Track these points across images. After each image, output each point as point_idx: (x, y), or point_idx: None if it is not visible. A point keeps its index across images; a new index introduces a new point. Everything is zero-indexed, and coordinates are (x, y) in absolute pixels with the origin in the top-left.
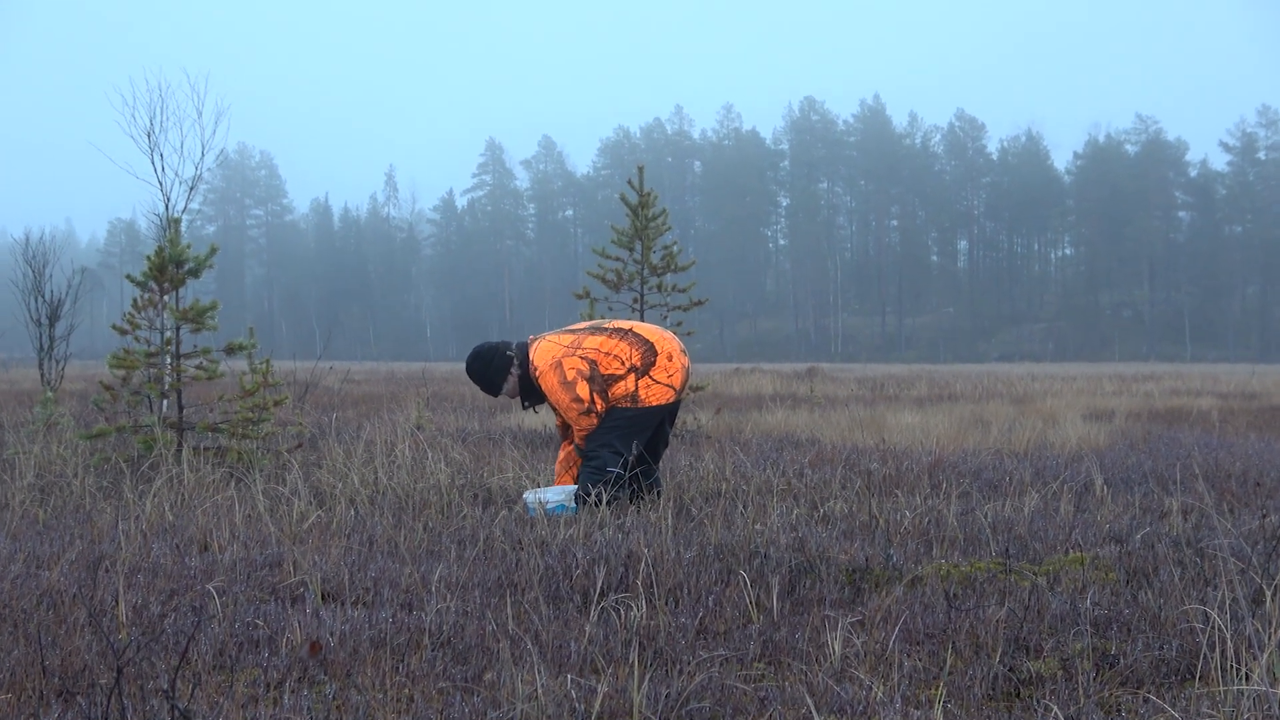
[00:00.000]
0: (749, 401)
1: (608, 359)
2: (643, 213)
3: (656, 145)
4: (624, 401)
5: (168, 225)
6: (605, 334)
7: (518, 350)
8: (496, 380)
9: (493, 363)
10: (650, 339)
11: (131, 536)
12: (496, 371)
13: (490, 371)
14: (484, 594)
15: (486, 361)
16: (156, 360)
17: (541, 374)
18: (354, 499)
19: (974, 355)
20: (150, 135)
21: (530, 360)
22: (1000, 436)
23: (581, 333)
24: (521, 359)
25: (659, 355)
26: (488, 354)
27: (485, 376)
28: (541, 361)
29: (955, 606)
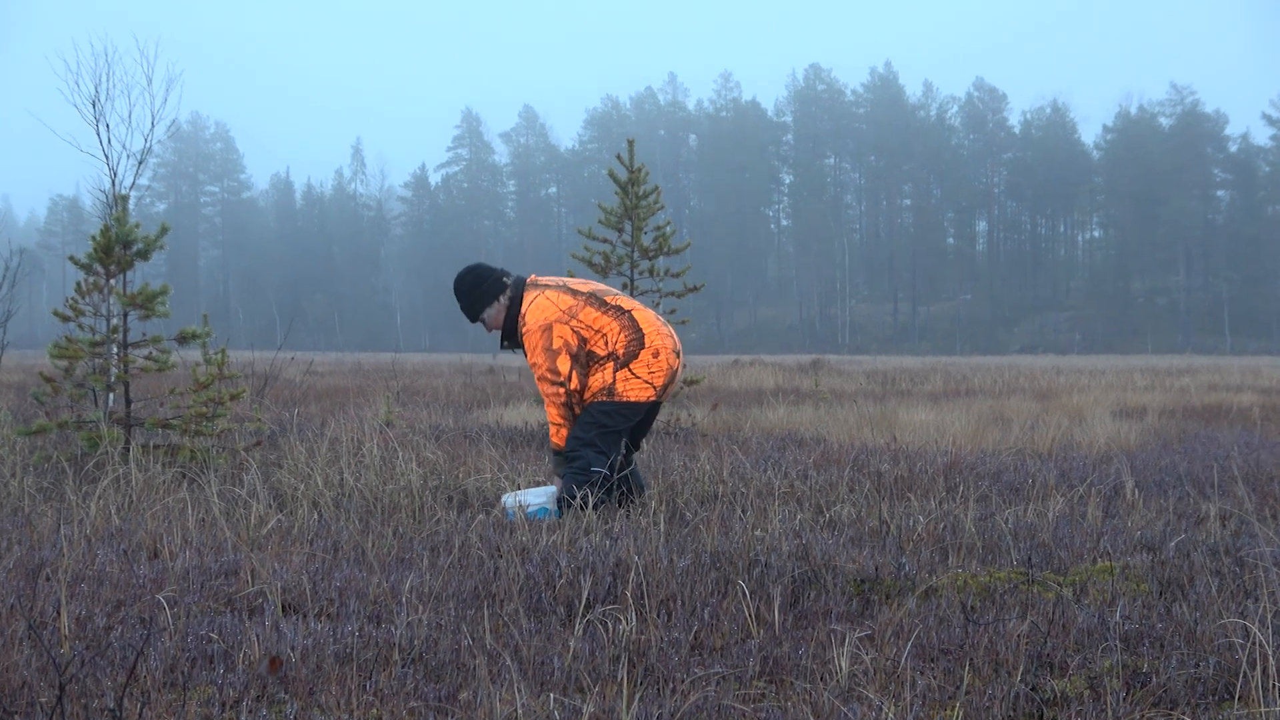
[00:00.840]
0: (748, 396)
1: (597, 336)
2: (633, 190)
3: (648, 117)
4: (601, 395)
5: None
6: (604, 310)
7: (514, 284)
8: (481, 304)
9: (484, 283)
10: (644, 328)
11: (74, 542)
12: (485, 294)
13: (479, 291)
14: (459, 605)
15: (478, 280)
16: (102, 350)
17: (528, 331)
18: (317, 502)
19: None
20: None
21: (523, 311)
22: (1022, 435)
23: (582, 298)
24: (515, 295)
25: (644, 349)
26: (482, 273)
27: (471, 295)
28: (533, 319)
29: (973, 620)
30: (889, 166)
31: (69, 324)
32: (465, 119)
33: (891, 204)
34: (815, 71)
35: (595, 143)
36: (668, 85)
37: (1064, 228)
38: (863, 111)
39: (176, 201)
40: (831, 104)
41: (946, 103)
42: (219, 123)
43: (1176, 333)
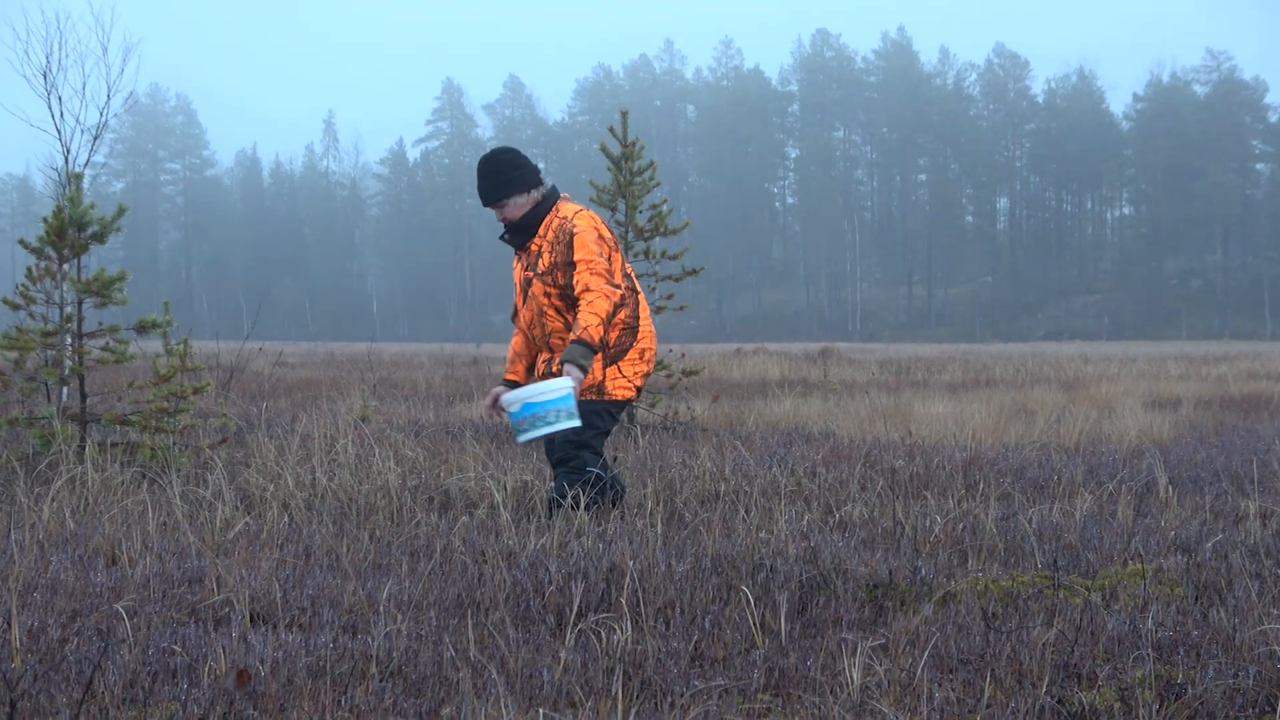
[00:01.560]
0: (752, 388)
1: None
2: (627, 166)
3: (643, 87)
4: (589, 394)
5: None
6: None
7: (551, 186)
8: (513, 187)
9: (521, 171)
10: (641, 321)
11: (26, 548)
12: (519, 181)
13: (514, 175)
14: (441, 614)
15: (518, 165)
16: (55, 340)
17: (582, 230)
18: (288, 503)
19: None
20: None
21: (566, 216)
22: (1047, 428)
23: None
24: (550, 194)
25: (634, 346)
26: (523, 161)
27: (506, 175)
28: (583, 223)
29: (994, 628)
30: (903, 139)
31: (19, 313)
32: (445, 90)
33: (905, 179)
34: (823, 37)
35: (586, 115)
36: (664, 52)
37: (1091, 204)
38: (874, 80)
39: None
40: (840, 72)
41: (964, 70)
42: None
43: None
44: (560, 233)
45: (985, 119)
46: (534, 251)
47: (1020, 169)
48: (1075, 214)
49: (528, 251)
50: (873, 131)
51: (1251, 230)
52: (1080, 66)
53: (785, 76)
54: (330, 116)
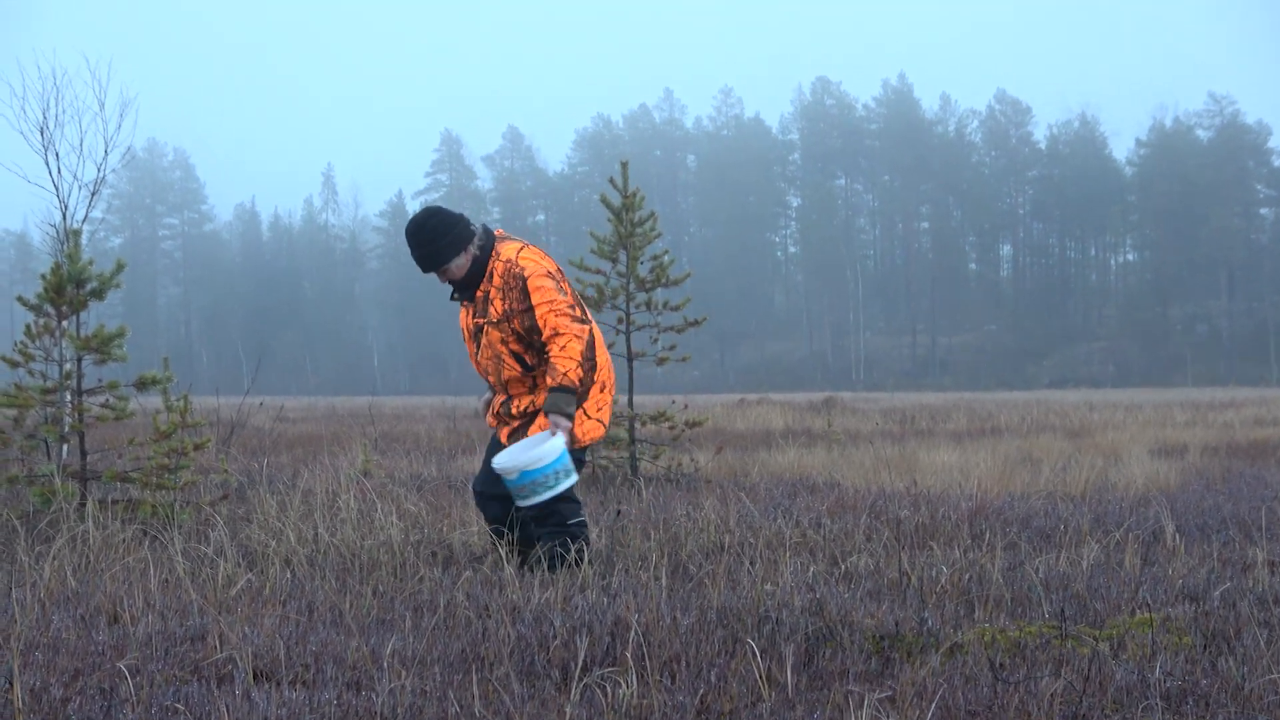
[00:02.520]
0: (756, 438)
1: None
2: (627, 216)
3: (643, 136)
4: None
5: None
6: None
7: (481, 232)
8: (450, 252)
9: (453, 231)
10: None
11: (27, 607)
12: (456, 240)
13: (449, 239)
14: (445, 670)
15: (448, 226)
16: (54, 397)
17: (533, 276)
18: (290, 559)
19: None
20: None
21: (509, 260)
22: (1053, 477)
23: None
24: (485, 243)
25: (594, 383)
26: (452, 219)
27: (440, 241)
28: (529, 264)
29: (1002, 679)
30: (905, 187)
31: (18, 370)
32: (445, 141)
33: (908, 227)
34: (823, 85)
35: (586, 165)
36: (663, 102)
37: (1095, 251)
38: (875, 128)
39: (133, 235)
40: (841, 120)
41: (966, 117)
42: (178, 149)
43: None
44: (509, 278)
45: (987, 166)
46: (480, 298)
47: (1023, 216)
48: (1079, 260)
49: (474, 299)
50: (874, 179)
51: (1256, 275)
52: (1082, 112)
53: (786, 125)
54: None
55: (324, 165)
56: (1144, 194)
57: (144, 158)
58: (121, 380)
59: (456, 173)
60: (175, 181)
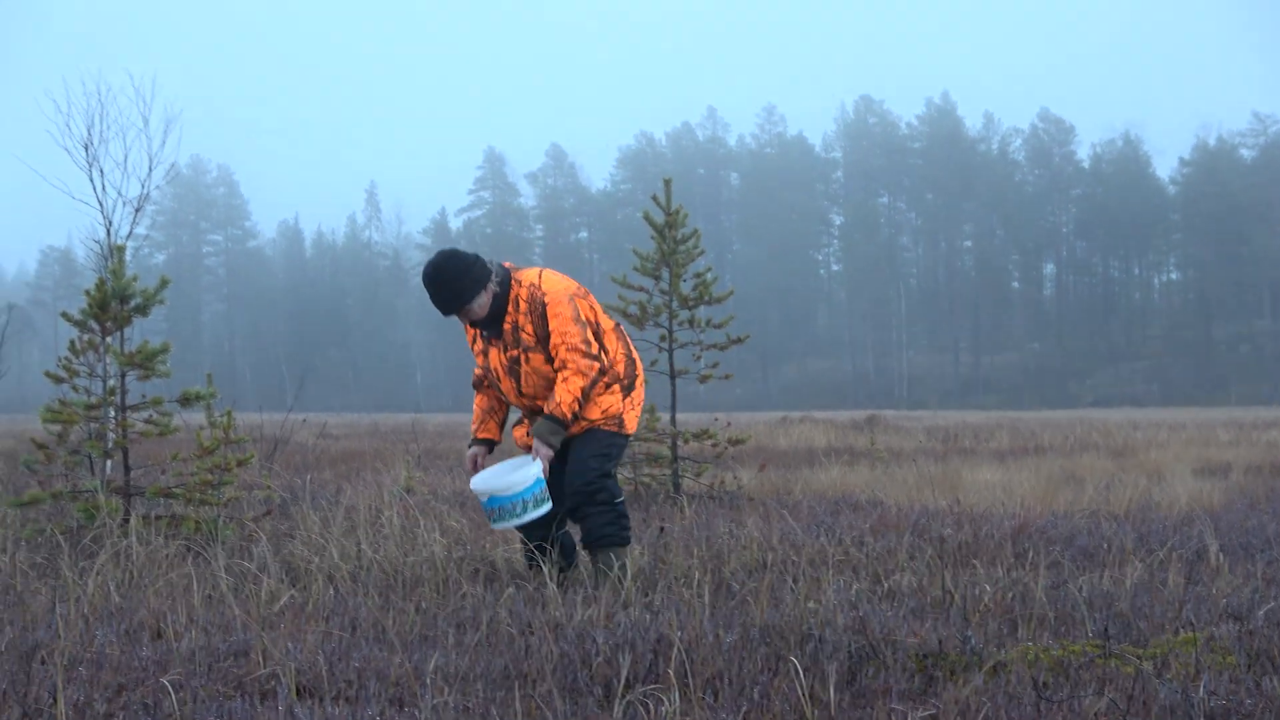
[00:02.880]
0: (798, 456)
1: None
2: (670, 234)
3: (686, 154)
4: (612, 424)
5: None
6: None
7: (496, 269)
8: (469, 292)
9: (472, 271)
10: (634, 354)
11: (71, 622)
12: (475, 282)
13: (467, 281)
14: (488, 686)
15: (466, 266)
16: (98, 413)
17: (554, 300)
18: (333, 575)
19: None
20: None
21: (531, 283)
22: (1096, 496)
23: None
24: (503, 278)
25: (638, 377)
26: (468, 260)
27: (458, 285)
28: (552, 288)
29: (1045, 697)
30: (948, 205)
31: (62, 386)
32: (488, 159)
33: (951, 246)
34: (866, 103)
35: (629, 183)
36: (706, 120)
37: (1139, 269)
38: (918, 146)
39: (177, 252)
40: (884, 138)
41: (1009, 135)
42: (221, 166)
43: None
44: (532, 302)
45: (1030, 184)
46: (510, 330)
47: (1066, 234)
48: (1122, 279)
49: (502, 333)
50: (917, 198)
51: None
52: (1126, 131)
53: (829, 143)
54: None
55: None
56: (1187, 213)
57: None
58: (165, 396)
59: (499, 190)
60: (219, 198)
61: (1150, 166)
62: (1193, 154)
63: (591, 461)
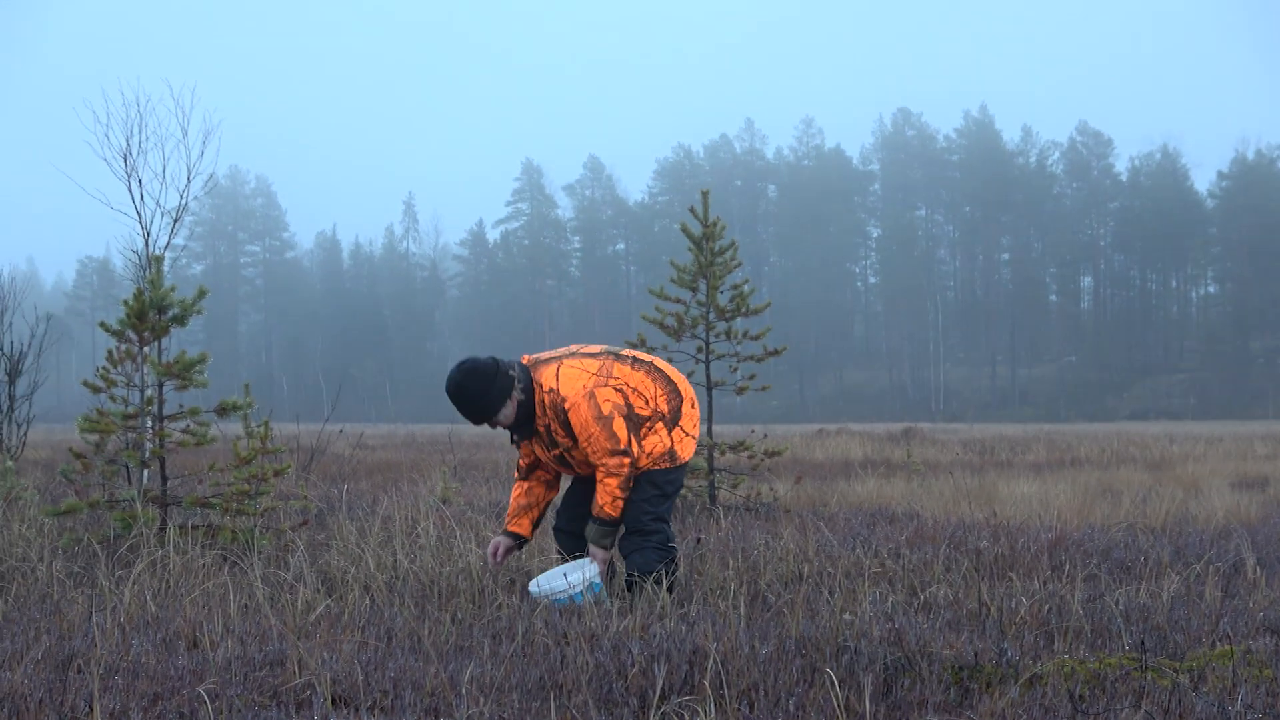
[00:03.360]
0: (835, 468)
1: (635, 395)
2: (708, 246)
3: (723, 167)
4: (663, 461)
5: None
6: (628, 363)
7: (520, 372)
8: (495, 404)
9: (494, 384)
10: (673, 378)
11: (108, 631)
12: (499, 394)
13: (492, 393)
14: (523, 697)
15: (488, 380)
16: (136, 423)
17: (573, 405)
18: (369, 585)
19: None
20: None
21: (551, 388)
22: (1133, 508)
23: (603, 356)
24: (526, 383)
25: (684, 401)
26: (489, 372)
27: (484, 399)
28: (570, 390)
29: (1081, 710)
30: (985, 218)
31: (100, 395)
32: (525, 171)
33: (988, 258)
34: (904, 116)
35: (666, 195)
36: (744, 132)
37: (1176, 283)
38: (956, 159)
39: (215, 262)
40: (922, 151)
41: (1047, 148)
42: (260, 177)
43: None
44: (555, 409)
45: (1068, 197)
46: (544, 432)
47: (1104, 247)
48: (1160, 292)
49: (539, 434)
50: (955, 210)
51: None
52: (1164, 144)
53: (866, 156)
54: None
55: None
56: (1225, 226)
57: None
58: (202, 406)
59: (537, 201)
60: (257, 209)
61: (1188, 179)
62: (1231, 167)
63: (645, 505)
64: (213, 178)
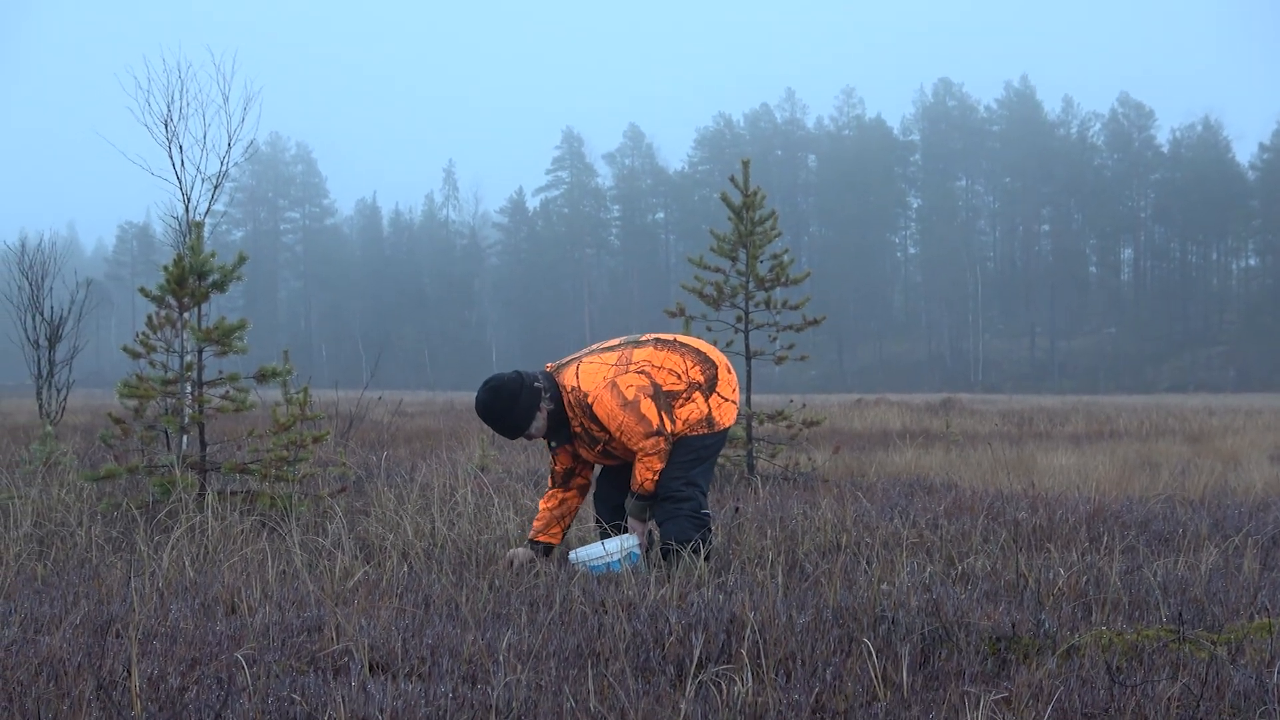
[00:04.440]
0: (873, 438)
1: (661, 373)
2: (748, 215)
3: (763, 136)
4: (700, 428)
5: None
6: (649, 345)
7: (545, 380)
8: (525, 419)
9: (520, 399)
10: (701, 348)
11: (146, 596)
12: (525, 409)
13: (518, 410)
14: (560, 664)
15: (512, 398)
16: (175, 388)
17: (596, 399)
18: (407, 552)
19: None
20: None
21: (573, 387)
22: (1172, 481)
23: (620, 347)
24: (553, 391)
25: (718, 367)
26: (513, 388)
27: (511, 416)
28: (591, 385)
29: (1119, 682)
30: (1025, 189)
31: (139, 361)
32: (566, 139)
33: (1028, 230)
34: (945, 86)
35: (706, 164)
36: (785, 102)
37: (1217, 255)
38: (997, 130)
39: (254, 229)
40: (963, 121)
41: (1088, 120)
42: (300, 144)
43: None
44: (582, 407)
45: (1109, 169)
46: (581, 433)
47: (1145, 219)
48: (1200, 265)
49: (578, 436)
50: (995, 181)
51: None
52: (1205, 116)
53: (907, 126)
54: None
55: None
56: (1267, 198)
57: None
58: (241, 372)
59: (577, 170)
60: (297, 176)
61: (1230, 152)
62: (1273, 139)
63: (677, 470)
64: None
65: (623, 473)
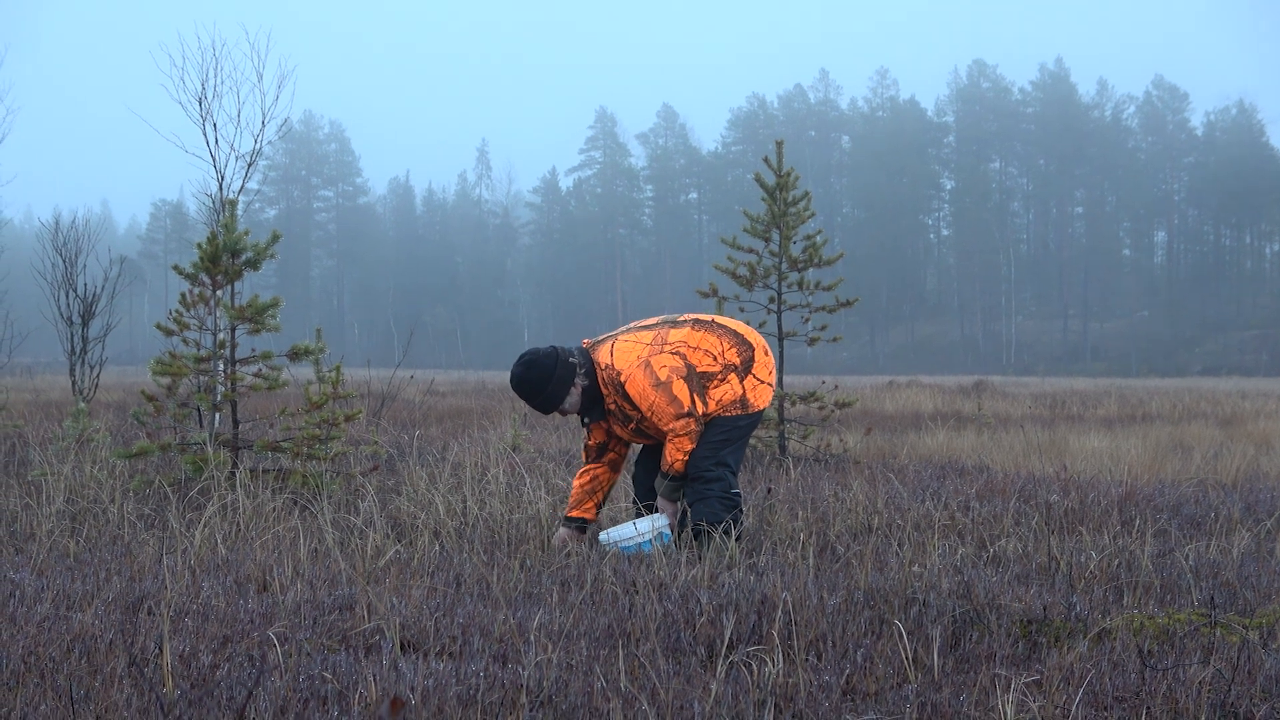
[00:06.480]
0: (905, 420)
1: (697, 354)
2: (781, 196)
3: (797, 117)
4: (733, 409)
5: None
6: (686, 326)
7: (580, 356)
8: (559, 394)
9: (555, 373)
10: (739, 330)
11: (178, 573)
12: (560, 383)
13: (553, 384)
14: (591, 644)
15: (547, 373)
16: (208, 366)
17: (628, 378)
18: (439, 531)
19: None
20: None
21: (606, 364)
22: (1204, 464)
23: (656, 328)
24: (588, 368)
25: (755, 349)
26: (548, 363)
27: (546, 391)
28: (625, 364)
29: (1150, 665)
30: (1059, 171)
31: (172, 338)
32: (599, 119)
33: (1062, 212)
34: (979, 68)
35: (739, 145)
36: (818, 83)
37: (1250, 238)
38: (1031, 111)
39: (288, 207)
40: (997, 103)
41: (1123, 102)
42: (334, 122)
43: None
44: (615, 385)
45: (1143, 151)
46: (615, 410)
47: (1178, 202)
48: (1234, 248)
49: (611, 413)
50: (1029, 163)
51: None
52: (1240, 99)
53: (941, 107)
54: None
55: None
56: None
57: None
58: (274, 350)
59: (610, 150)
60: (330, 154)
61: (1264, 135)
62: None
63: (707, 450)
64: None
65: (658, 453)
